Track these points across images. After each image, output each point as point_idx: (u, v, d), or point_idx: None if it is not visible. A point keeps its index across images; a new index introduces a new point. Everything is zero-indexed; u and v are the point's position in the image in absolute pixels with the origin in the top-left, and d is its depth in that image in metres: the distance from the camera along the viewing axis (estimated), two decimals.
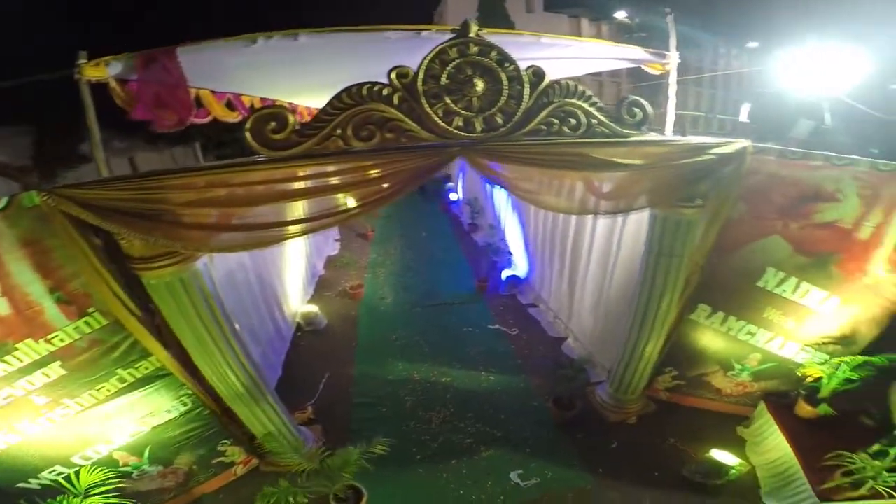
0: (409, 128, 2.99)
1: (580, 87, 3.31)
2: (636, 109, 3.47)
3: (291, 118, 2.86)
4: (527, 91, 3.21)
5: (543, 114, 3.27)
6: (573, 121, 3.35)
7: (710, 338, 5.22)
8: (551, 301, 8.17)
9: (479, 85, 3.08)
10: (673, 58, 4.84)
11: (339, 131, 2.91)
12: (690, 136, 4.44)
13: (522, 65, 3.24)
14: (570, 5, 32.82)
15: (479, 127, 3.14)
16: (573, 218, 6.77)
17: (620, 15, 26.35)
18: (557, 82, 3.30)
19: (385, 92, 2.93)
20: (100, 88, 3.38)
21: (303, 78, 4.97)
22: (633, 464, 4.99)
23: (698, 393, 5.70)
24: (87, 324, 3.28)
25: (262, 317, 6.15)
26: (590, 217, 6.23)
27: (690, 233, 4.38)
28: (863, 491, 3.86)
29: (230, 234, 3.23)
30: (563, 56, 4.96)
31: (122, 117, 3.64)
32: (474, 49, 3.09)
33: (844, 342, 4.79)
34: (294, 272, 7.66)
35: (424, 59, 3.00)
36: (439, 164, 3.18)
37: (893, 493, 3.75)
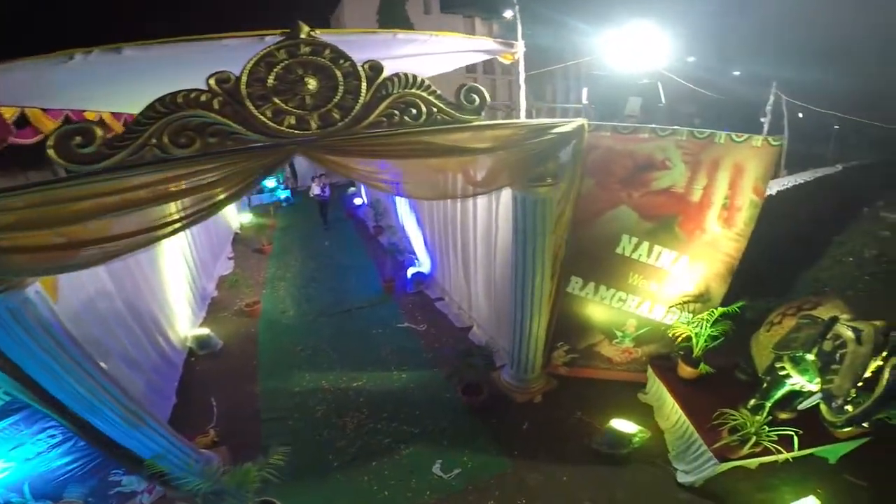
0: (235, 130, 2.91)
1: (419, 78, 3.40)
2: (474, 95, 3.62)
3: (99, 131, 2.69)
4: (364, 85, 3.24)
5: (383, 106, 3.32)
6: (414, 111, 3.43)
7: (589, 308, 5.59)
8: (454, 293, 8.33)
9: (312, 83, 3.07)
10: (520, 47, 5.12)
11: (154, 140, 2.77)
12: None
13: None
14: (464, 6, 33.90)
15: (314, 124, 3.13)
16: (458, 209, 6.95)
17: (508, 14, 27.69)
18: (396, 75, 3.36)
19: (203, 98, 2.84)
20: None
21: (153, 89, 4.68)
22: (546, 442, 5.14)
23: (593, 364, 6.04)
24: None
25: (141, 345, 5.75)
26: (471, 207, 6.45)
27: (548, 209, 4.65)
28: (750, 448, 4.08)
29: (63, 253, 2.95)
30: (423, 52, 5.07)
31: None
32: (306, 49, 3.08)
33: (702, 299, 5.30)
34: (177, 296, 7.21)
35: (247, 62, 2.96)
36: (275, 164, 3.14)
37: (780, 448, 4.02)
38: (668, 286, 5.26)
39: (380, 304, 8.89)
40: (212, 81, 2.85)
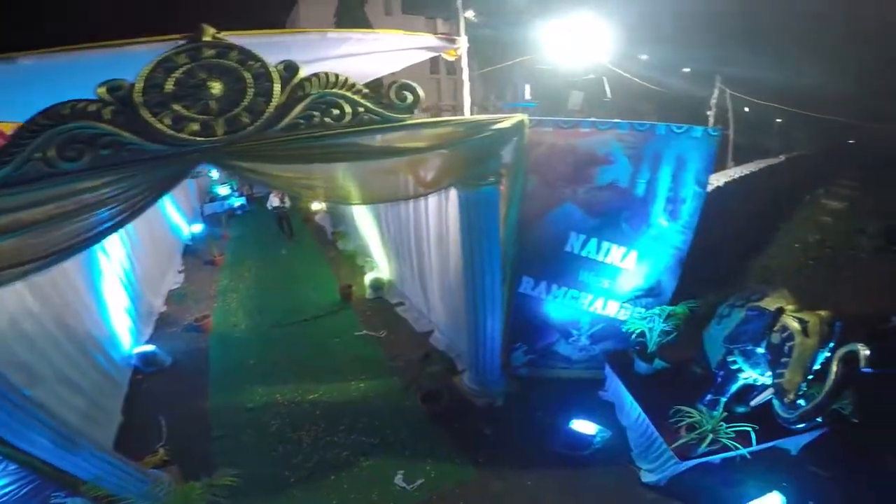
0: (130, 140, 2.67)
1: (342, 77, 3.21)
2: (406, 93, 3.44)
3: None
4: (277, 87, 3.04)
5: (300, 107, 3.12)
6: (336, 111, 3.23)
7: (543, 308, 5.49)
8: (413, 297, 8.15)
9: (216, 87, 2.87)
10: (462, 43, 4.99)
11: (38, 154, 2.52)
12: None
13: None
14: (426, 7, 33.59)
15: (220, 130, 2.91)
16: (411, 211, 6.79)
17: (469, 14, 27.74)
18: (316, 75, 3.17)
19: (92, 108, 2.60)
20: None
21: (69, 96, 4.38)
22: (509, 447, 5.05)
23: (551, 364, 5.94)
24: None
25: (78, 365, 5.43)
26: (423, 208, 6.30)
27: (494, 209, 4.51)
28: (708, 445, 4.00)
29: None
30: (362, 51, 4.90)
31: None
32: (209, 52, 2.89)
33: (653, 293, 5.28)
34: (117, 313, 6.85)
35: (144, 68, 2.75)
36: (179, 174, 2.93)
37: (738, 445, 3.95)
38: (619, 282, 5.22)
39: (337, 312, 8.65)
40: (102, 90, 2.63)
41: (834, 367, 3.32)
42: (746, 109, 19.47)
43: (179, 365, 7.13)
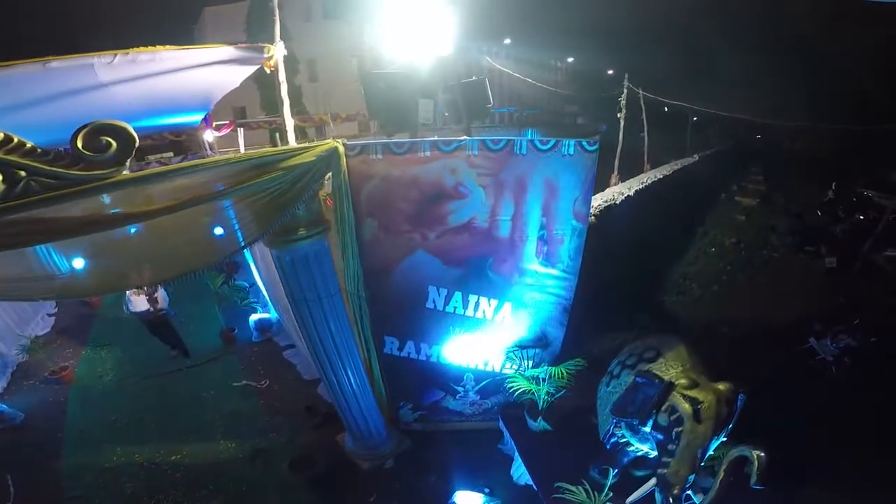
0: None
1: None
2: (106, 140, 2.30)
3: None
4: None
5: None
6: None
7: (416, 367, 4.61)
8: (298, 340, 7.12)
9: None
10: (279, 50, 3.96)
11: None
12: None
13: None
14: (351, 11, 32.17)
15: None
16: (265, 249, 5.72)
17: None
18: None
19: None
20: None
21: None
22: None
23: (445, 418, 5.18)
24: None
25: None
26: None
27: (322, 268, 3.51)
28: None
29: None
30: (147, 73, 3.73)
31: None
32: None
33: (540, 344, 4.47)
34: None
35: None
36: None
37: None
38: (497, 337, 4.36)
39: (217, 359, 7.79)
40: None
41: (721, 474, 2.92)
42: (666, 109, 19.74)
43: (34, 420, 6.55)
